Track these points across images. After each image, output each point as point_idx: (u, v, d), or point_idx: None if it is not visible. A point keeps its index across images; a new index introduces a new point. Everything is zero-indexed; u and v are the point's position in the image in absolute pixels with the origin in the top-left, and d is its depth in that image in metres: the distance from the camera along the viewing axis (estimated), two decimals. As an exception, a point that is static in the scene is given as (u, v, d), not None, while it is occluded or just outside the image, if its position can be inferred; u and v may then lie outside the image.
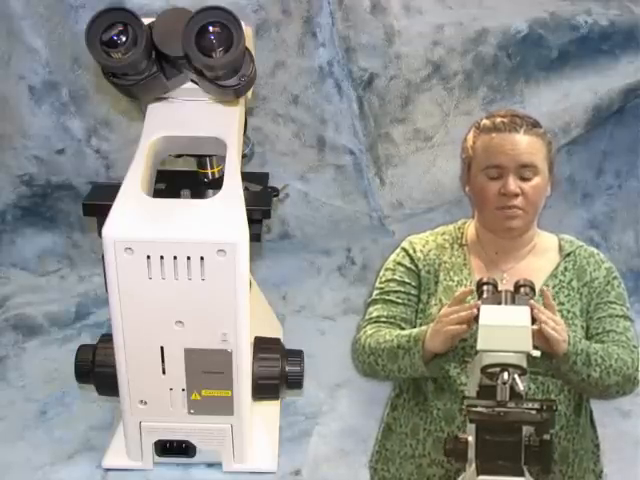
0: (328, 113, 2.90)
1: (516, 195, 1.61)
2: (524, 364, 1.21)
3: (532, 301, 1.44)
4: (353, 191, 3.01)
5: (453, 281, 1.71)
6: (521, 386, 1.18)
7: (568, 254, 1.67)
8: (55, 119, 2.84)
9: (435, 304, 1.76)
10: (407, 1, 2.89)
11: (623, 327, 1.63)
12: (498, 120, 1.66)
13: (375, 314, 1.88)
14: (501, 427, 1.15)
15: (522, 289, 1.38)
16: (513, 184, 1.61)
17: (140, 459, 2.11)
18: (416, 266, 1.82)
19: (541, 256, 1.67)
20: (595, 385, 1.57)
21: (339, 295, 3.01)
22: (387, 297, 1.86)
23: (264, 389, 2.10)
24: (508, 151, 1.61)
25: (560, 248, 1.67)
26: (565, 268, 1.63)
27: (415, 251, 1.81)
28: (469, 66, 2.92)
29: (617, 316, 1.62)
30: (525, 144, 1.60)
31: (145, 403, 2.00)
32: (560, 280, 1.62)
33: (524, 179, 1.61)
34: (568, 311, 1.59)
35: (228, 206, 1.87)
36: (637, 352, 1.60)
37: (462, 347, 1.63)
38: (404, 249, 1.86)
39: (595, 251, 1.69)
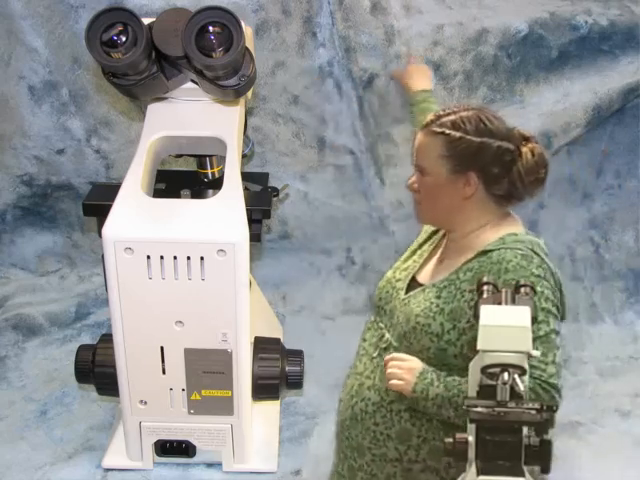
0: (328, 113, 2.90)
1: (413, 190, 1.63)
2: (524, 364, 1.21)
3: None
4: (353, 191, 3.01)
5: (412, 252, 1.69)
6: (521, 386, 1.18)
7: (483, 252, 1.57)
8: (55, 119, 2.84)
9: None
10: (407, 1, 2.90)
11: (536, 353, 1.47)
12: None
13: None
14: (501, 427, 1.15)
15: (522, 289, 1.37)
16: (411, 180, 1.62)
17: (140, 459, 2.11)
18: None
19: (472, 252, 1.60)
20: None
21: (339, 295, 3.01)
22: None
23: (264, 389, 2.10)
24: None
25: (486, 246, 1.58)
26: (471, 267, 1.53)
27: None
28: (469, 66, 2.92)
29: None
30: (417, 144, 1.61)
31: (145, 403, 2.00)
32: (457, 277, 1.52)
33: (420, 176, 1.61)
34: (437, 305, 1.53)
35: (228, 206, 1.87)
36: (550, 381, 1.41)
37: (377, 305, 1.64)
38: None
39: (508, 258, 1.48)
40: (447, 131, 1.55)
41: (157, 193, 1.99)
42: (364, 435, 1.60)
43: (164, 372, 1.95)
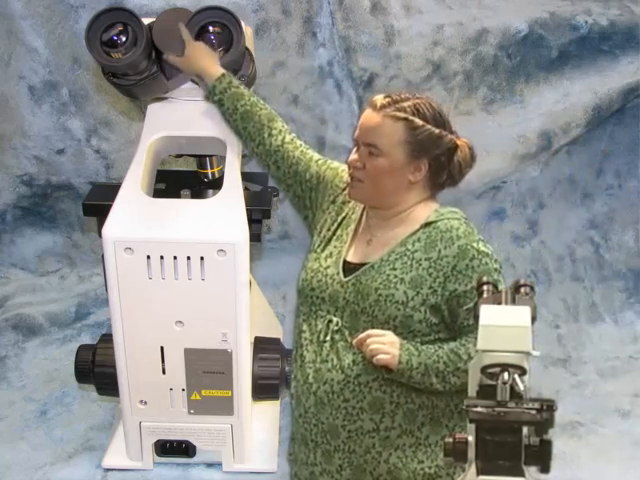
0: (328, 113, 2.90)
1: (356, 167, 1.62)
2: (524, 364, 1.21)
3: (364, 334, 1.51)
4: (353, 191, 3.00)
5: (342, 231, 1.69)
6: (521, 386, 1.18)
7: (428, 224, 1.62)
8: (55, 119, 2.84)
9: (318, 233, 1.74)
10: (407, 1, 2.90)
11: None
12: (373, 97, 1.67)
13: None
14: (501, 427, 1.15)
15: (522, 289, 1.37)
16: (354, 156, 1.63)
17: (140, 459, 2.11)
18: (332, 183, 1.76)
19: (406, 226, 1.64)
20: (446, 389, 1.56)
21: (339, 295, 3.01)
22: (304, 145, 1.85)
23: (264, 389, 2.10)
24: (360, 126, 1.64)
25: (427, 219, 1.63)
26: (418, 238, 1.60)
27: (342, 178, 1.76)
28: (469, 66, 2.92)
29: None
30: (372, 123, 1.61)
31: (145, 403, 2.01)
32: (407, 248, 1.60)
33: (370, 155, 1.61)
34: (396, 276, 1.58)
35: (228, 206, 1.88)
36: None
37: (311, 296, 1.64)
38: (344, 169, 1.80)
39: (456, 226, 1.58)
40: (410, 117, 1.56)
41: (157, 193, 1.99)
42: (335, 415, 1.61)
43: (164, 372, 1.95)
